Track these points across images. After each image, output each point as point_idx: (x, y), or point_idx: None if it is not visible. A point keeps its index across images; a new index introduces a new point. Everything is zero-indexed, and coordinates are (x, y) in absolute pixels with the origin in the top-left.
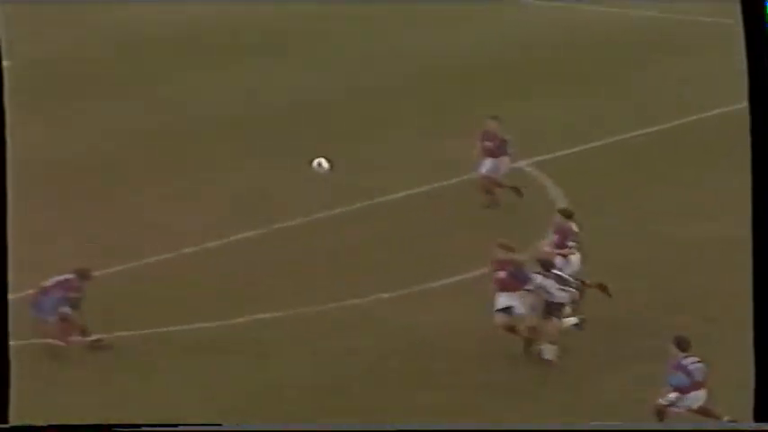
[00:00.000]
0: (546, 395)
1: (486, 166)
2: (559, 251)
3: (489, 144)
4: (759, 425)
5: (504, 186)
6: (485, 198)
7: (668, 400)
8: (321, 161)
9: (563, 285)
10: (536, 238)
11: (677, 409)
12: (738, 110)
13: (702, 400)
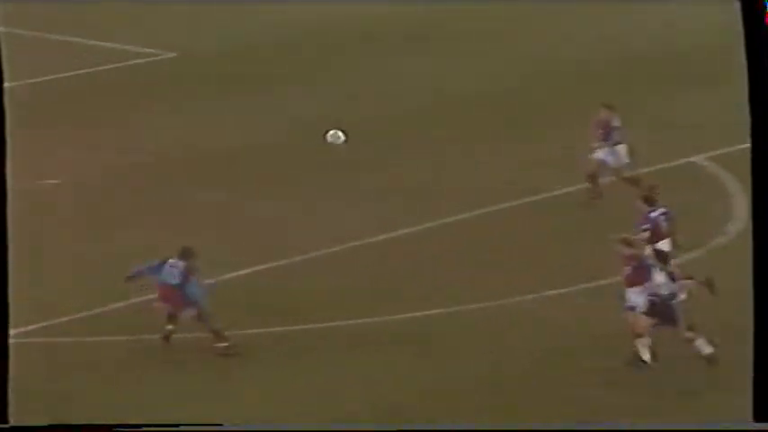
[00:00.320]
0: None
1: (602, 154)
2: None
3: (603, 132)
4: (759, 425)
5: (623, 178)
6: (591, 188)
7: None
8: (337, 132)
9: (673, 279)
10: (714, 234)
11: None
12: None
13: None
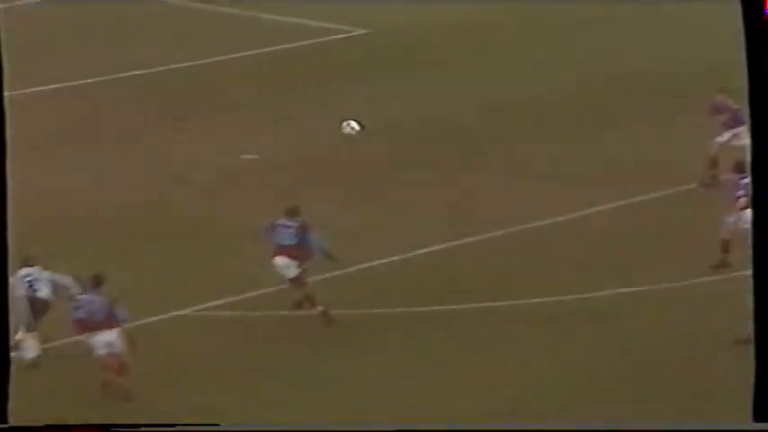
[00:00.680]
0: None
1: (725, 137)
2: None
3: (722, 117)
4: (759, 425)
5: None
6: (707, 171)
7: None
8: (351, 123)
9: None
10: None
11: None
12: None
13: None
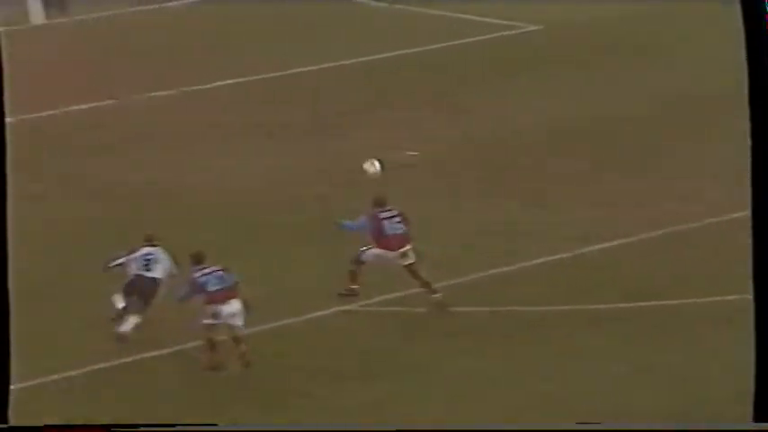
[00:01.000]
0: None
1: None
2: None
3: None
4: (759, 425)
5: None
6: None
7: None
8: (375, 162)
9: None
10: None
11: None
12: None
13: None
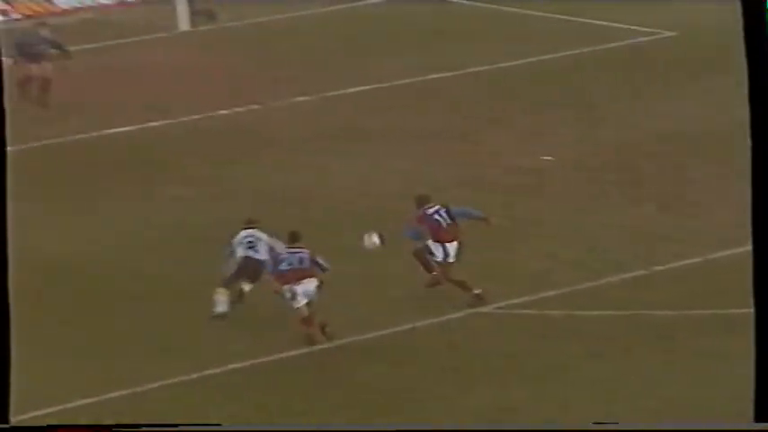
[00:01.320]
0: None
1: None
2: None
3: None
4: (759, 425)
5: None
6: None
7: None
8: (374, 236)
9: None
10: None
11: None
12: None
13: None
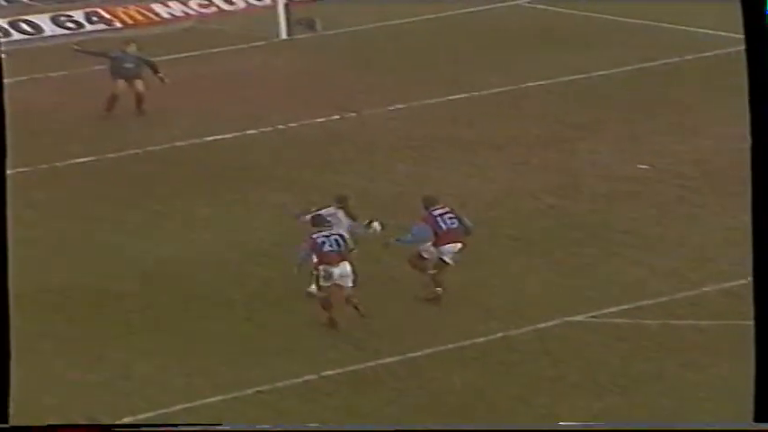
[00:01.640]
0: None
1: None
2: None
3: None
4: (759, 425)
5: None
6: None
7: None
8: (375, 225)
9: None
10: None
11: None
12: None
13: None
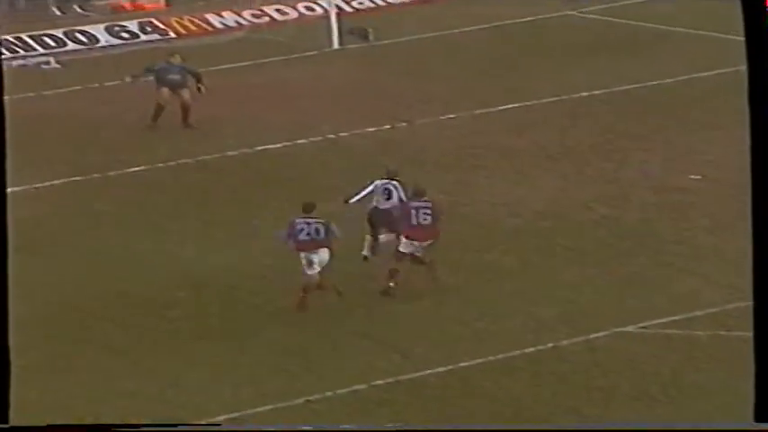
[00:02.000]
0: None
1: None
2: None
3: None
4: (759, 425)
5: None
6: None
7: None
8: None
9: None
10: None
11: None
12: None
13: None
